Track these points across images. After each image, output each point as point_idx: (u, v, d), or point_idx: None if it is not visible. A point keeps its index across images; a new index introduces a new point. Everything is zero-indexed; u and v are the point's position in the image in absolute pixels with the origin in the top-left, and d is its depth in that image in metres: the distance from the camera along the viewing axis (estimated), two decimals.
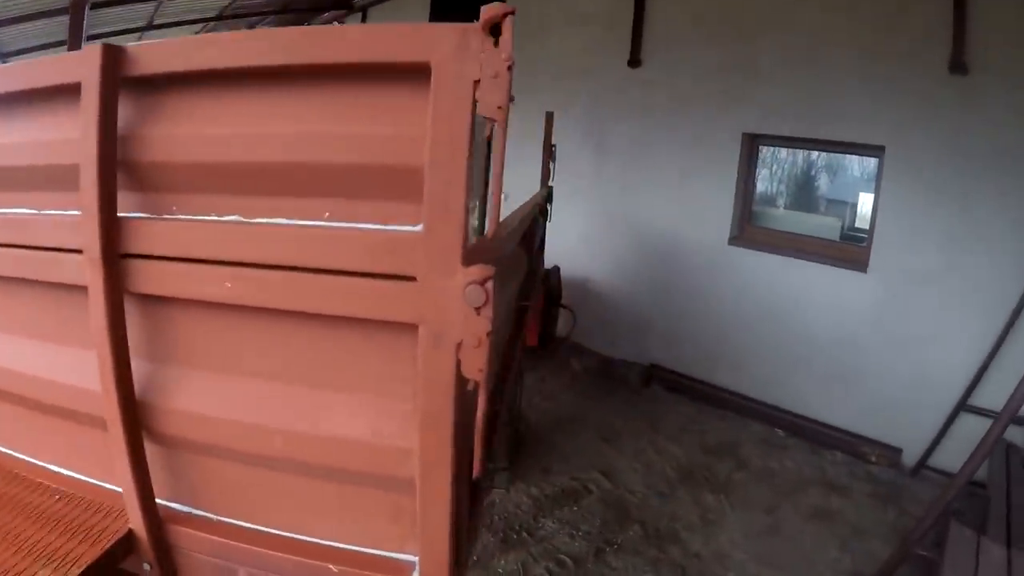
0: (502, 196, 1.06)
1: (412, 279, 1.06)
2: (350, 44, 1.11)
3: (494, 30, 1.00)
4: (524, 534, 3.25)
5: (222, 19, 9.73)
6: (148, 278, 1.32)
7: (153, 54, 1.26)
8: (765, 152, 5.24)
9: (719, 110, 5.13)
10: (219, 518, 1.47)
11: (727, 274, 5.15)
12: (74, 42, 5.35)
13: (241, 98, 1.21)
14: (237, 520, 1.44)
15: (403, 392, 1.15)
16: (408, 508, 1.20)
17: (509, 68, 0.99)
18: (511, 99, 1.01)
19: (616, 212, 5.98)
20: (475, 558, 3.02)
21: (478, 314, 1.01)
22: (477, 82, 1.00)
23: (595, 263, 6.16)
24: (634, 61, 5.72)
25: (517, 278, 2.88)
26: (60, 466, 1.69)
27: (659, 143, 5.59)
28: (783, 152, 5.29)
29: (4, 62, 7.60)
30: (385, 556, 1.29)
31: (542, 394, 5.30)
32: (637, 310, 5.84)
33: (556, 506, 3.56)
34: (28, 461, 1.74)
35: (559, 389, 5.46)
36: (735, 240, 5.15)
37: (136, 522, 1.44)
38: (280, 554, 1.35)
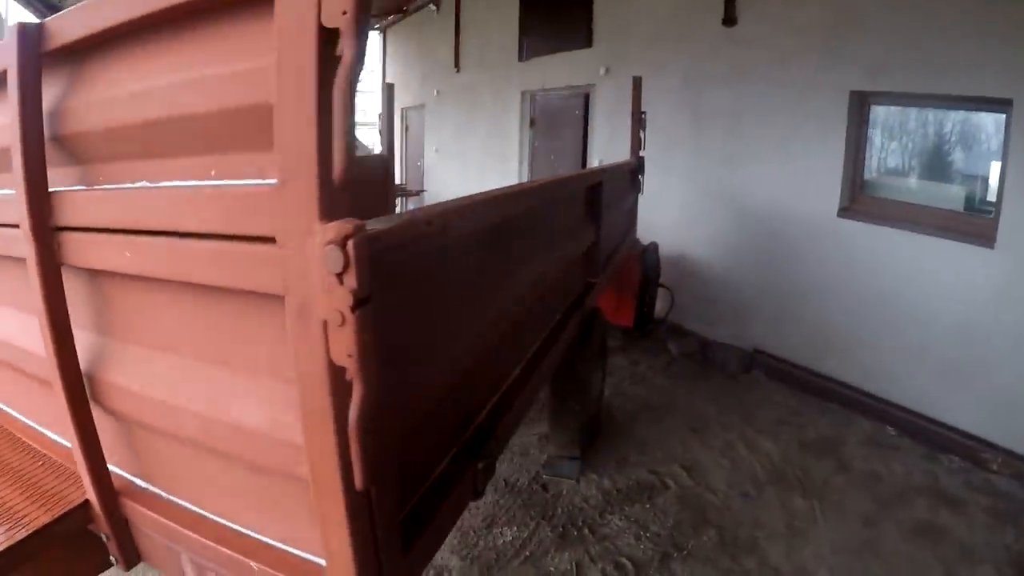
0: (348, 133, 0.80)
1: (271, 240, 0.88)
2: None
3: None
4: (586, 530, 3.01)
5: None
6: (77, 250, 1.28)
7: (63, 24, 1.20)
8: (877, 113, 4.55)
9: (823, 68, 4.51)
10: (169, 497, 1.42)
11: (836, 249, 4.54)
12: None
13: (129, 56, 1.14)
14: (184, 501, 1.38)
15: (289, 375, 0.98)
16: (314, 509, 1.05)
17: None
18: (361, 3, 0.77)
19: (715, 183, 5.52)
20: (527, 553, 2.84)
21: (340, 283, 0.81)
22: None
23: (694, 238, 5.72)
24: (729, 19, 5.21)
25: (564, 247, 2.64)
26: (45, 428, 1.71)
27: (758, 108, 5.04)
28: (898, 113, 4.57)
29: (53, 12, 8.25)
30: (302, 557, 1.17)
31: (633, 378, 4.94)
32: (739, 289, 5.34)
33: (627, 502, 3.26)
34: (18, 418, 1.79)
35: (651, 374, 5.06)
36: (845, 212, 4.52)
37: (90, 492, 1.42)
38: (211, 544, 1.27)
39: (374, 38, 13.52)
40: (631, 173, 4.73)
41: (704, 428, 4.08)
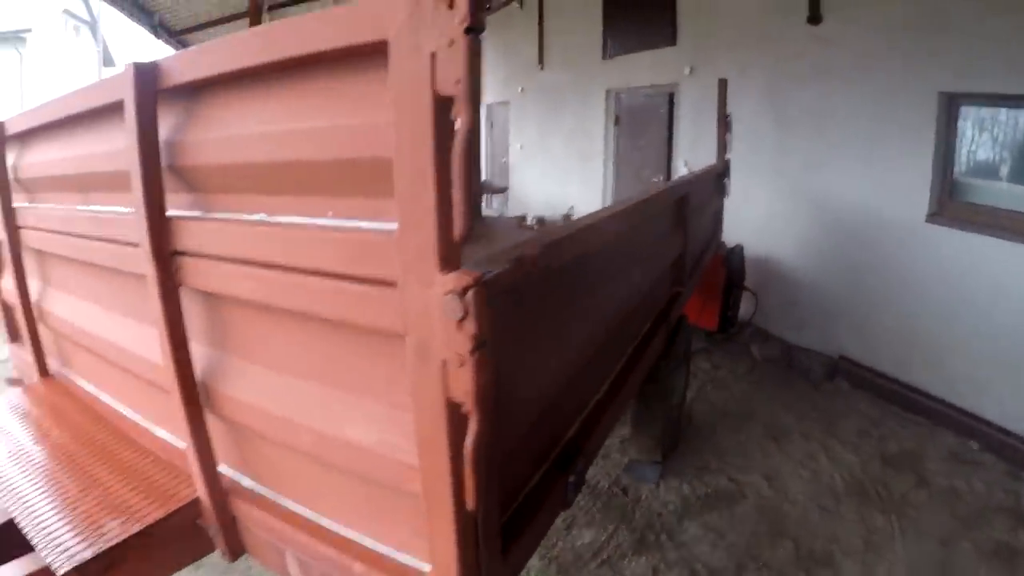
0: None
1: (393, 285, 0.98)
2: (310, 33, 1.05)
3: None
4: (663, 536, 3.10)
5: None
6: (195, 273, 1.43)
7: (177, 66, 1.33)
8: (967, 115, 4.38)
9: (910, 68, 4.39)
10: (275, 497, 1.55)
11: (924, 256, 4.44)
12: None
13: (246, 99, 1.26)
14: (291, 503, 1.51)
15: (407, 403, 1.09)
16: (424, 522, 1.16)
17: (468, 32, 0.82)
18: (474, 72, 0.84)
19: (799, 186, 5.50)
20: (604, 556, 2.97)
21: (459, 329, 0.90)
22: (435, 55, 0.86)
23: (778, 241, 5.73)
24: (813, 18, 5.15)
25: (653, 260, 2.71)
26: (158, 430, 1.88)
27: (844, 109, 4.99)
28: (989, 115, 4.37)
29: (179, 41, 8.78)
30: (405, 562, 1.28)
31: (714, 383, 5.01)
32: (824, 294, 5.31)
33: (705, 509, 3.33)
34: (134, 420, 1.97)
35: (733, 379, 5.11)
36: (934, 217, 4.39)
37: (201, 490, 1.57)
38: (318, 544, 1.40)
39: None
40: (717, 177, 4.78)
41: (785, 437, 4.11)
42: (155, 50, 7.44)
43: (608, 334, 2.03)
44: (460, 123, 0.86)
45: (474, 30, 0.84)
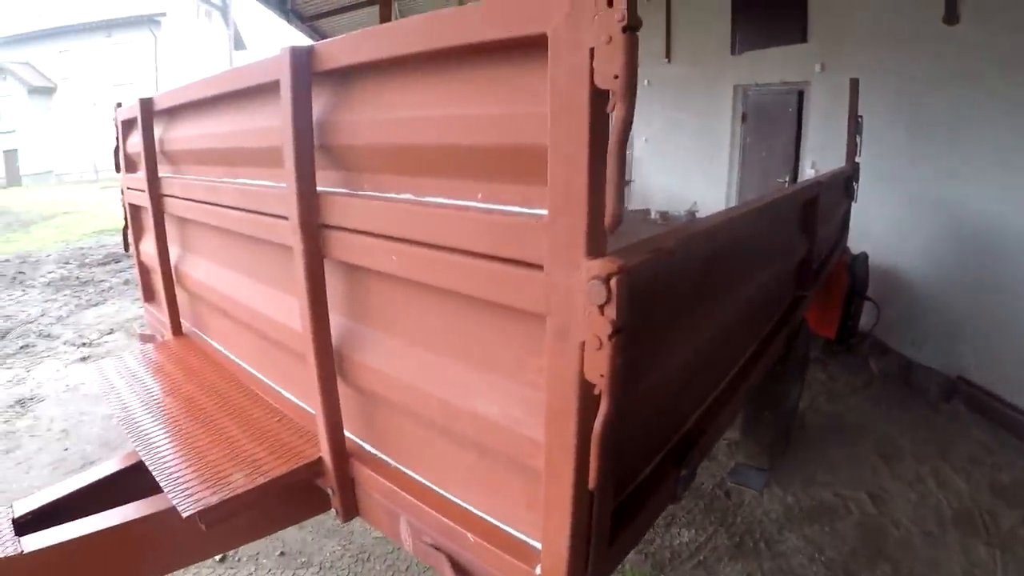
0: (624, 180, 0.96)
1: (539, 267, 1.07)
2: (474, 24, 1.13)
3: None
4: (762, 544, 3.12)
5: None
6: (340, 247, 1.59)
7: (332, 50, 1.46)
8: None
9: None
10: (395, 463, 1.70)
11: None
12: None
13: (401, 84, 1.38)
14: (409, 470, 1.65)
15: (537, 381, 1.18)
16: (540, 497, 1.25)
17: (625, 30, 0.90)
18: (631, 68, 0.91)
19: (930, 195, 5.36)
20: (701, 558, 3.02)
21: (601, 313, 0.98)
22: (593, 50, 0.94)
23: (904, 250, 5.60)
24: (950, 17, 4.92)
25: (778, 261, 2.70)
26: (286, 391, 2.07)
27: (981, 116, 4.75)
28: None
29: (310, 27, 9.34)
30: (518, 537, 1.38)
31: (829, 394, 5.00)
32: (948, 310, 5.18)
33: (807, 521, 3.32)
34: (263, 380, 2.17)
35: (848, 391, 5.08)
36: None
37: (325, 451, 1.74)
38: (433, 512, 1.52)
39: None
40: (845, 180, 4.71)
41: (896, 456, 4.08)
42: (285, 36, 7.93)
43: (731, 331, 2.07)
44: (616, 116, 0.94)
45: (632, 28, 0.91)
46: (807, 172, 6.80)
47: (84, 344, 6.17)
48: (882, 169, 5.58)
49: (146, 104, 2.71)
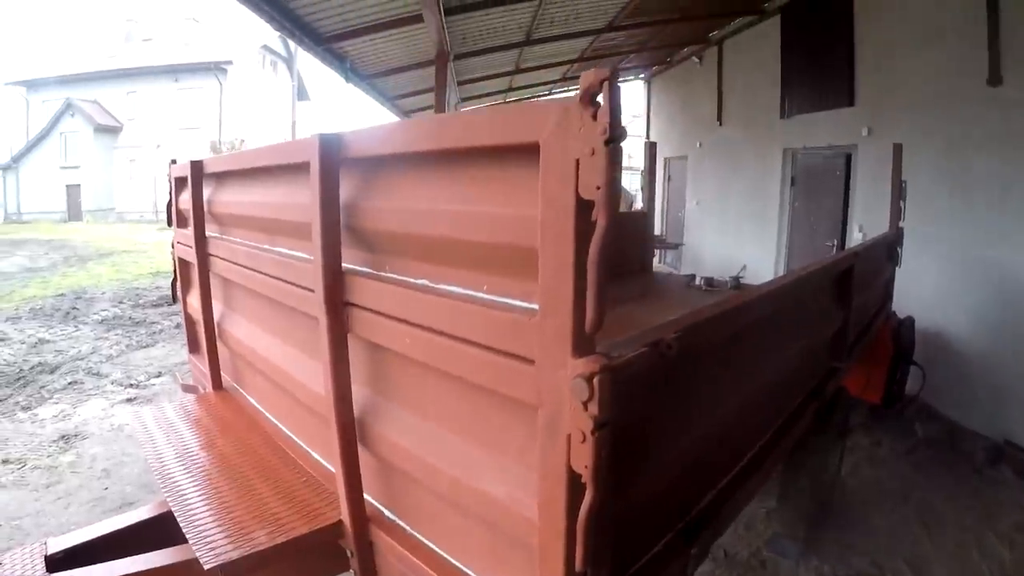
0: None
1: (531, 362, 1.18)
2: (476, 128, 1.28)
3: (594, 101, 1.02)
4: None
5: (583, 60, 11.00)
6: (362, 324, 1.77)
7: (357, 140, 1.64)
8: None
9: None
10: (411, 530, 1.81)
11: None
12: (440, 90, 6.70)
13: (417, 177, 1.55)
14: (423, 537, 1.76)
15: (535, 466, 1.28)
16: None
17: (608, 143, 1.00)
18: (612, 180, 1.01)
19: (976, 258, 5.45)
20: None
21: (585, 409, 1.08)
22: (579, 161, 1.05)
23: (951, 314, 5.70)
24: (994, 79, 5.06)
25: (808, 336, 2.74)
26: (314, 452, 2.21)
27: None
28: None
29: (393, 104, 9.94)
30: None
31: (872, 460, 4.99)
32: (995, 374, 5.20)
33: None
34: (293, 439, 2.32)
35: (892, 457, 5.07)
36: None
37: (345, 514, 1.86)
38: None
39: (639, 87, 15.74)
40: (889, 245, 4.79)
41: (938, 524, 4.04)
42: (346, 90, 8.51)
43: (752, 408, 2.12)
44: (598, 225, 1.05)
45: (614, 141, 1.02)
46: (855, 235, 6.91)
47: (132, 385, 6.55)
48: (929, 232, 5.68)
49: (196, 166, 2.98)
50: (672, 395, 1.55)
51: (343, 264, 1.76)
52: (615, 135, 1.01)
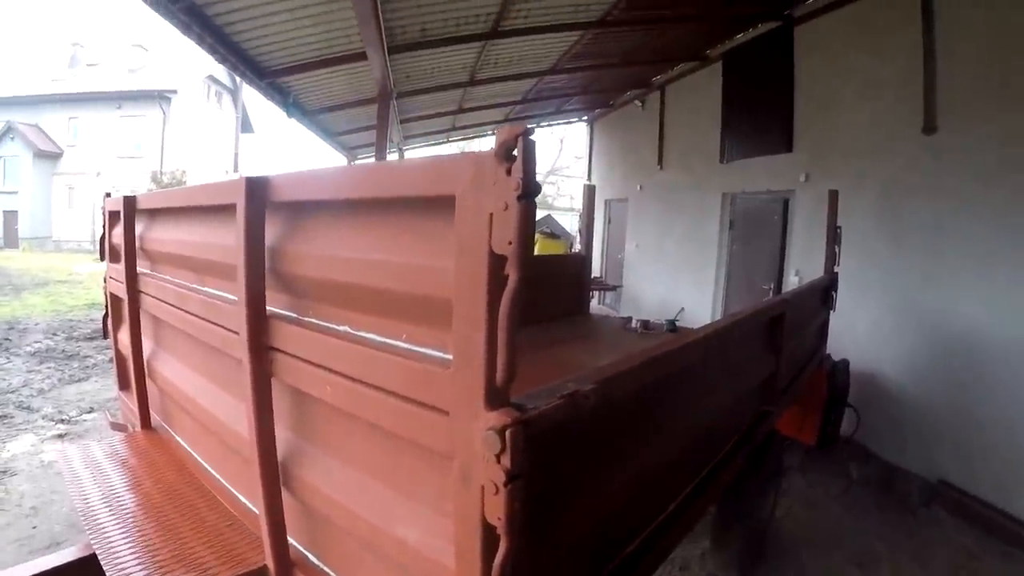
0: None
1: (446, 413, 1.16)
2: (397, 179, 1.27)
3: (509, 155, 1.01)
4: None
5: (527, 101, 11.06)
6: (284, 369, 1.71)
7: (283, 184, 1.62)
8: None
9: None
10: None
11: None
12: (381, 127, 6.78)
13: (340, 224, 1.51)
14: None
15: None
16: None
17: (520, 199, 0.99)
18: (524, 235, 1.00)
19: (911, 303, 5.55)
20: None
21: (497, 461, 1.07)
22: (492, 215, 1.04)
23: (885, 356, 5.77)
24: (929, 127, 5.25)
25: (738, 382, 2.76)
26: (241, 495, 2.13)
27: (960, 224, 5.01)
28: None
29: (335, 141, 9.80)
30: None
31: (806, 502, 4.97)
32: (928, 414, 5.28)
33: None
34: (220, 481, 2.23)
35: (826, 498, 5.08)
36: None
37: (269, 558, 1.79)
38: None
39: (582, 129, 15.71)
40: (824, 290, 4.85)
41: (872, 565, 4.04)
42: (289, 125, 8.33)
43: (680, 453, 2.11)
44: (510, 279, 1.04)
45: (527, 196, 1.01)
46: (791, 279, 7.03)
47: (63, 420, 6.18)
48: (864, 277, 5.80)
49: (129, 202, 2.88)
50: (592, 444, 1.53)
51: (268, 307, 1.72)
52: (528, 191, 1.00)
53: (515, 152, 1.02)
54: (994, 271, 4.66)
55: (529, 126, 1.09)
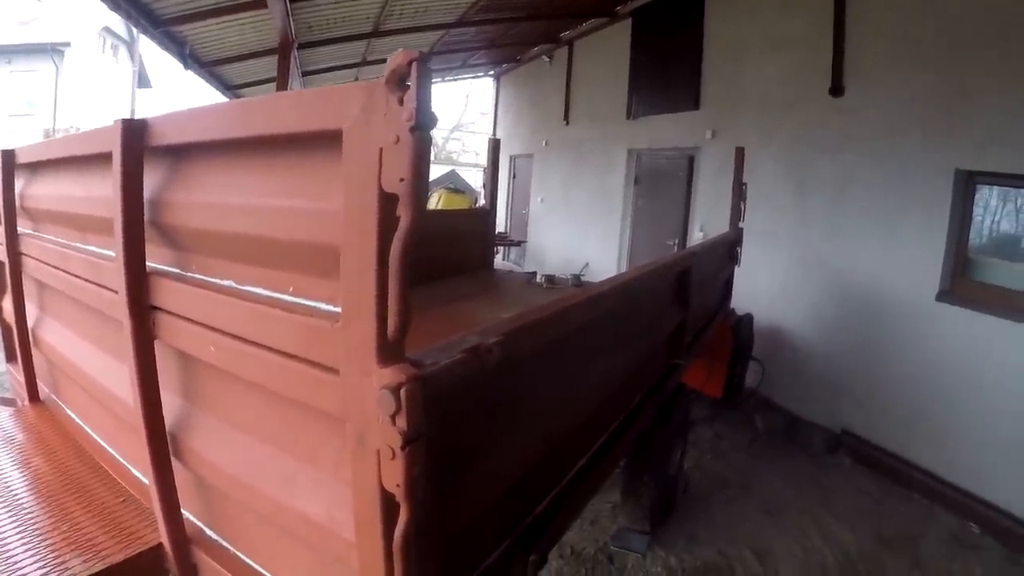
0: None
1: (336, 371, 1.01)
2: (283, 114, 1.09)
3: (402, 84, 0.86)
4: None
5: (433, 54, 10.57)
6: (167, 330, 1.50)
7: (162, 127, 1.39)
8: (984, 194, 4.38)
9: (929, 144, 4.47)
10: (235, 552, 1.57)
11: (932, 334, 4.42)
12: (282, 80, 6.28)
13: (223, 169, 1.31)
14: (247, 557, 1.54)
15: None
16: None
17: (414, 131, 0.84)
18: (419, 172, 0.86)
19: (815, 258, 5.60)
20: None
21: (393, 423, 0.93)
22: (382, 150, 0.88)
23: (789, 311, 5.79)
24: (836, 88, 5.26)
25: (646, 335, 2.70)
26: (134, 468, 1.93)
27: (863, 182, 5.06)
28: (1007, 194, 4.36)
29: (234, 94, 9.09)
30: None
31: (714, 452, 5.02)
32: (831, 367, 5.37)
33: None
34: (113, 455, 2.02)
35: (733, 449, 5.12)
36: (944, 296, 4.39)
37: (164, 536, 1.60)
38: None
39: (488, 84, 14.93)
40: (729, 245, 4.83)
41: (780, 511, 4.08)
42: (188, 79, 7.67)
43: (588, 408, 2.02)
44: (402, 222, 0.88)
45: (421, 128, 0.86)
46: (696, 235, 7.01)
47: None
48: (769, 232, 5.83)
49: (8, 156, 2.53)
50: (497, 402, 1.40)
51: (148, 264, 1.50)
52: (422, 122, 0.85)
53: (408, 81, 0.86)
54: (893, 226, 4.74)
55: (435, 80, 0.93)
